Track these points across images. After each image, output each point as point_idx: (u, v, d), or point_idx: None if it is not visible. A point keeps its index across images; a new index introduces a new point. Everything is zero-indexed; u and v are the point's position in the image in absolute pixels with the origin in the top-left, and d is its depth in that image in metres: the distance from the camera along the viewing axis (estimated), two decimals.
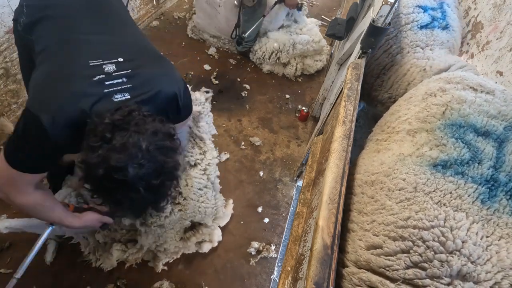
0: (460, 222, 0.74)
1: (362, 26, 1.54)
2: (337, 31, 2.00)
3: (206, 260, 1.71)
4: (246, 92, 2.76)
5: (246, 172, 2.18)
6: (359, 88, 1.26)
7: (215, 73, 2.84)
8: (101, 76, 0.93)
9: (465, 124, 0.93)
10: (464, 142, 0.89)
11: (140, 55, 1.07)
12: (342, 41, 2.23)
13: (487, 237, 0.75)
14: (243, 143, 2.34)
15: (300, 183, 2.16)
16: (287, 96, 2.82)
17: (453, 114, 0.96)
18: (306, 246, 1.04)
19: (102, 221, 1.25)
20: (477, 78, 1.10)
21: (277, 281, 1.68)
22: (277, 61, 2.88)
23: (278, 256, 1.80)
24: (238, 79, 2.87)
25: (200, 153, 1.60)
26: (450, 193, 0.81)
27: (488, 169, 0.84)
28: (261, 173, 2.19)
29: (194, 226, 1.70)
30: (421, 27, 1.54)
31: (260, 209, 1.99)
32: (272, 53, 2.85)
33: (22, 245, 1.54)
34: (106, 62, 0.96)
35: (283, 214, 2.00)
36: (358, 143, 2.05)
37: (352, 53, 1.67)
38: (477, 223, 0.76)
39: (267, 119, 2.58)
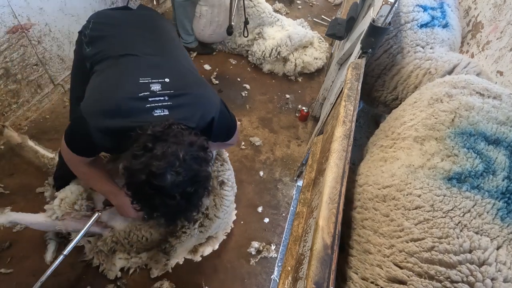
0: (486, 252, 0.70)
1: (362, 26, 1.54)
2: (337, 31, 2.00)
3: (206, 260, 1.71)
4: (246, 92, 2.76)
5: (246, 172, 2.17)
6: (359, 88, 1.26)
7: (215, 73, 2.84)
8: (146, 93, 1.06)
9: (475, 132, 0.89)
10: (476, 152, 0.85)
11: (184, 78, 1.21)
12: (342, 41, 2.23)
13: None
14: (243, 143, 2.34)
15: (300, 183, 2.16)
16: (287, 96, 2.82)
17: (462, 122, 0.92)
18: (306, 246, 1.04)
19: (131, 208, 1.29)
20: (482, 82, 1.07)
21: (277, 281, 1.67)
22: (278, 56, 2.89)
23: (278, 256, 1.80)
24: (238, 79, 2.87)
25: (220, 164, 1.60)
26: (469, 211, 0.77)
27: (503, 180, 0.80)
28: (261, 173, 2.19)
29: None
30: (421, 26, 1.54)
31: (260, 209, 1.99)
32: (272, 49, 2.86)
33: (23, 244, 1.55)
34: (154, 81, 1.10)
35: (283, 214, 2.00)
36: (358, 143, 2.06)
37: (352, 53, 1.67)
38: (502, 248, 0.72)
39: (267, 119, 2.58)
